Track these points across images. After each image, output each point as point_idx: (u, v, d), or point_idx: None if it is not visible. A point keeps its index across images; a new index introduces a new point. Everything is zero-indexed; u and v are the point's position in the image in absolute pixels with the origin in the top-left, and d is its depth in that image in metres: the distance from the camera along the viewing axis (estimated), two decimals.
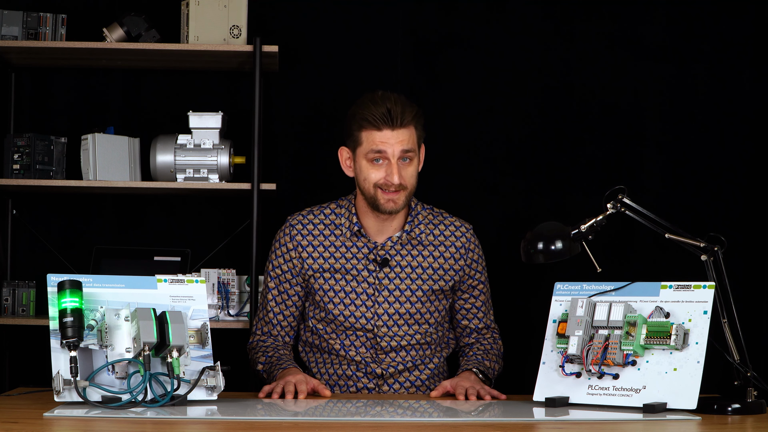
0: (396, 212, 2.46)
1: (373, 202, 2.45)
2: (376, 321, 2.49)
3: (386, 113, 2.39)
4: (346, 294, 2.49)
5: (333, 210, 2.55)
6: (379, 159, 2.42)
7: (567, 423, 1.98)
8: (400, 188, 2.42)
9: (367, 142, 2.42)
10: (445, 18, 3.35)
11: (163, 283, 2.14)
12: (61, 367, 2.00)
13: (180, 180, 3.12)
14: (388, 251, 2.50)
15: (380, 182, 2.42)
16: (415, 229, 2.52)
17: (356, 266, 2.49)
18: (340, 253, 2.50)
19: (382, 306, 2.49)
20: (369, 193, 2.44)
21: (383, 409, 2.13)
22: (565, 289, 2.24)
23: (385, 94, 2.43)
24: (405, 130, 2.41)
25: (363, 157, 2.44)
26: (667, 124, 3.33)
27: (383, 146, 2.40)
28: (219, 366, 2.09)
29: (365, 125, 2.41)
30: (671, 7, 3.33)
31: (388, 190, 2.42)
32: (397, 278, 2.50)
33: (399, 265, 2.50)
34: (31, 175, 3.12)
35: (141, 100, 3.34)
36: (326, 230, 2.52)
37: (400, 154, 2.41)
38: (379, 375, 2.51)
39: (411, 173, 2.45)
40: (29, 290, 3.20)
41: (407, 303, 2.50)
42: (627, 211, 2.24)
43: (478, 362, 2.49)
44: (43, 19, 3.16)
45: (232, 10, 3.13)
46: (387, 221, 2.50)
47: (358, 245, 2.50)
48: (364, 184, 2.45)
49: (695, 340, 2.06)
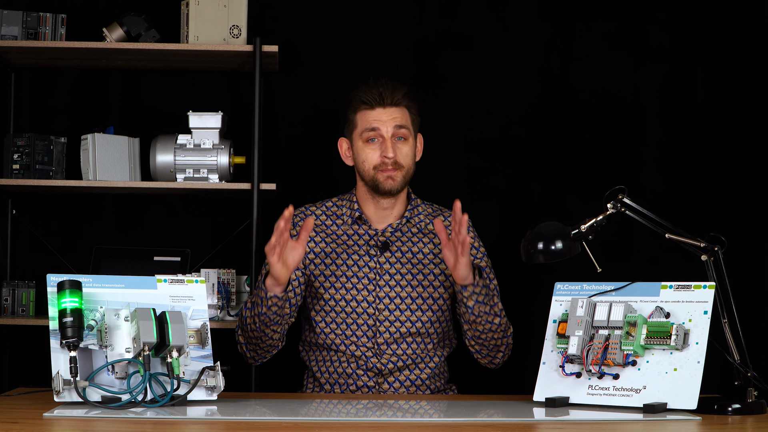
0: (395, 191, 2.50)
1: (373, 184, 2.50)
2: (378, 305, 2.51)
3: (378, 94, 2.51)
4: (347, 278, 2.51)
5: (334, 203, 2.62)
6: (374, 138, 2.50)
7: (567, 423, 1.98)
8: (397, 166, 2.49)
9: (361, 122, 2.52)
10: (445, 18, 3.35)
11: (162, 283, 2.14)
12: (61, 367, 2.00)
13: (180, 180, 3.12)
14: (388, 237, 2.54)
15: (377, 162, 2.49)
16: (414, 217, 2.58)
17: (357, 251, 2.53)
18: (341, 240, 2.54)
19: (383, 290, 2.51)
20: (368, 175, 2.51)
21: (383, 409, 2.13)
22: (565, 289, 2.24)
23: (377, 79, 2.55)
24: (397, 109, 2.51)
25: (359, 139, 2.52)
26: (668, 124, 3.33)
27: (376, 123, 2.50)
28: (219, 366, 2.09)
29: (359, 106, 2.53)
30: (671, 7, 3.33)
31: (385, 168, 2.48)
32: (398, 263, 2.53)
33: (399, 251, 2.54)
34: (30, 175, 3.12)
35: (141, 100, 3.34)
36: (328, 220, 2.58)
37: (394, 131, 2.50)
38: (380, 371, 2.50)
39: (406, 152, 2.51)
40: (29, 290, 3.19)
41: (408, 287, 2.52)
42: (627, 211, 2.23)
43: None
44: (43, 18, 3.15)
45: (232, 10, 3.13)
46: (387, 209, 2.55)
47: (359, 232, 2.55)
48: (362, 166, 2.52)
49: (695, 340, 2.06)
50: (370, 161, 2.51)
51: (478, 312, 2.42)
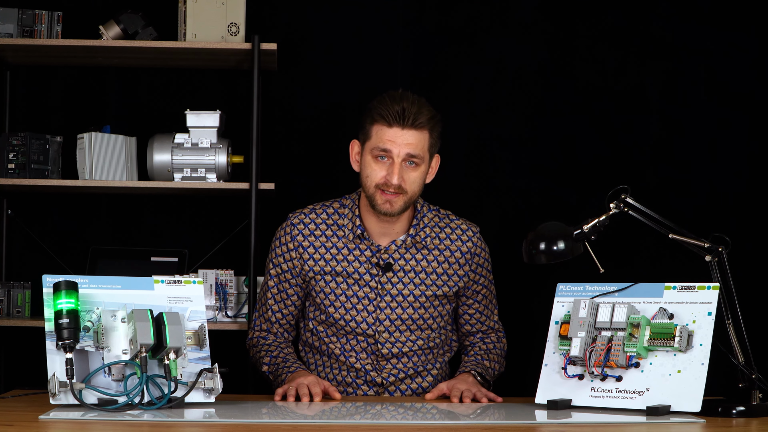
0: (392, 215, 2.40)
1: (371, 201, 2.41)
2: (378, 326, 2.46)
3: (400, 111, 2.34)
4: (347, 298, 2.46)
5: (336, 209, 2.50)
6: (383, 157, 2.38)
7: (569, 426, 1.97)
8: (399, 191, 2.38)
9: (375, 137, 2.38)
10: (446, 16, 3.33)
11: (160, 284, 2.12)
12: (57, 369, 1.98)
13: (177, 179, 3.10)
14: (391, 255, 2.46)
15: (380, 182, 2.38)
16: (420, 232, 2.48)
17: (358, 270, 2.45)
18: (342, 256, 2.46)
19: (384, 311, 2.46)
20: (369, 191, 2.40)
21: (383, 412, 2.12)
22: (568, 290, 2.22)
23: (405, 93, 2.39)
24: (416, 132, 2.36)
25: (369, 153, 2.40)
26: (670, 122, 3.32)
27: (390, 145, 2.36)
28: (217, 368, 2.08)
29: (377, 119, 2.37)
30: (674, 4, 3.32)
31: (386, 190, 2.38)
32: (400, 283, 2.46)
33: (402, 270, 2.46)
34: (26, 175, 3.10)
35: (138, 99, 3.33)
36: (328, 231, 2.48)
37: (405, 157, 2.37)
38: (379, 384, 2.48)
39: (414, 178, 2.39)
40: (24, 291, 3.18)
41: (410, 309, 2.46)
42: (630, 211, 2.23)
43: (476, 363, 2.46)
44: (39, 16, 3.14)
45: (230, 8, 3.12)
46: (390, 223, 2.46)
47: (360, 248, 2.46)
48: (365, 180, 2.41)
49: (699, 341, 2.05)
50: (373, 178, 2.38)
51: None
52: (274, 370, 2.42)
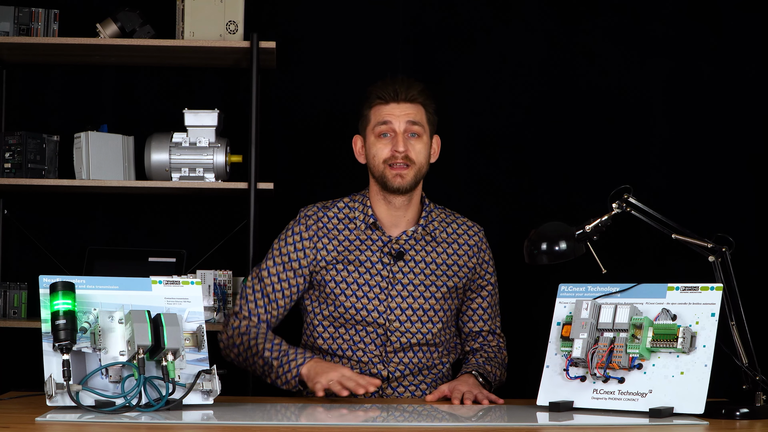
0: (404, 190, 2.46)
1: (382, 181, 2.47)
2: (389, 315, 2.48)
3: (393, 89, 2.48)
4: (359, 286, 2.48)
5: (347, 204, 2.56)
6: (386, 133, 2.47)
7: (571, 428, 1.96)
8: (407, 161, 2.45)
9: (374, 117, 2.49)
10: (447, 14, 3.32)
11: (157, 284, 2.11)
12: (54, 371, 1.97)
13: (175, 179, 3.09)
14: (402, 245, 2.51)
15: (387, 156, 2.45)
16: (429, 225, 2.54)
17: (370, 258, 2.49)
18: (354, 246, 2.50)
19: (395, 300, 2.48)
20: (378, 171, 2.47)
21: (385, 414, 2.11)
22: (570, 291, 2.21)
23: (395, 77, 2.54)
24: (411, 105, 2.48)
25: (372, 134, 2.49)
26: (673, 121, 3.31)
27: (389, 117, 2.46)
28: (215, 369, 2.07)
29: (374, 101, 2.49)
30: (676, 2, 3.31)
31: (395, 164, 2.45)
32: (411, 273, 2.50)
33: (413, 260, 2.51)
34: (22, 174, 3.09)
35: (135, 98, 3.32)
36: (340, 224, 2.53)
37: (407, 127, 2.46)
38: (385, 377, 2.48)
39: (419, 149, 2.47)
40: (21, 292, 3.18)
41: (420, 298, 2.50)
42: (633, 211, 2.23)
43: (478, 366, 2.46)
44: (35, 14, 3.13)
45: (228, 6, 3.11)
46: (400, 211, 2.51)
47: (372, 238, 2.51)
48: (373, 161, 2.48)
49: (703, 343, 2.04)
50: (380, 156, 2.47)
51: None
52: (280, 356, 2.37)
